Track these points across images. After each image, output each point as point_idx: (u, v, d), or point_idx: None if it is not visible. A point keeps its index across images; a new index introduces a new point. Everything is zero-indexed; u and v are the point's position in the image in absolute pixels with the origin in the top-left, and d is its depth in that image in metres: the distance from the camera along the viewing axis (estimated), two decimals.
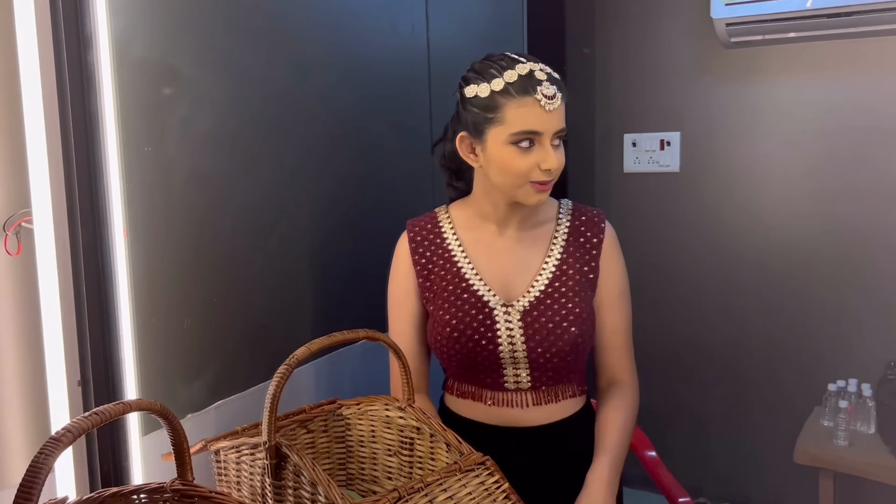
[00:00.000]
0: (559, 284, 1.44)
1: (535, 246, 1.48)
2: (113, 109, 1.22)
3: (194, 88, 1.44)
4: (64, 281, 1.20)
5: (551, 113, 1.31)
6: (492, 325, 1.43)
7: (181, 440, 1.02)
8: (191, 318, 1.43)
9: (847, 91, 2.72)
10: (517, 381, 1.46)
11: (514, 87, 1.31)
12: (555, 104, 1.30)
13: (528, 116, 1.31)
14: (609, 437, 1.43)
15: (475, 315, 1.44)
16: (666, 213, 3.05)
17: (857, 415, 2.52)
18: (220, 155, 1.52)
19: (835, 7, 2.45)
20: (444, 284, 1.48)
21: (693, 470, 2.20)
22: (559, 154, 1.35)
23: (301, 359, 1.14)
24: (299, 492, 1.11)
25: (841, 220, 2.76)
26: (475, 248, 1.49)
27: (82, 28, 1.18)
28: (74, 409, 1.22)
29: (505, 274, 1.47)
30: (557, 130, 1.33)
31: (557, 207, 1.53)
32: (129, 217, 1.28)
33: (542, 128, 1.31)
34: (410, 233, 1.54)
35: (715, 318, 3.01)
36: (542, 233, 1.49)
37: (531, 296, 1.44)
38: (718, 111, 2.94)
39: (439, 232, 1.52)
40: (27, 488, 0.81)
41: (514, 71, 1.32)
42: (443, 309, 1.46)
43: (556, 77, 1.34)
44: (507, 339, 1.42)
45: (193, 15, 1.44)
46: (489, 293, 1.45)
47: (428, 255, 1.51)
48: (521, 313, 1.43)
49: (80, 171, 1.19)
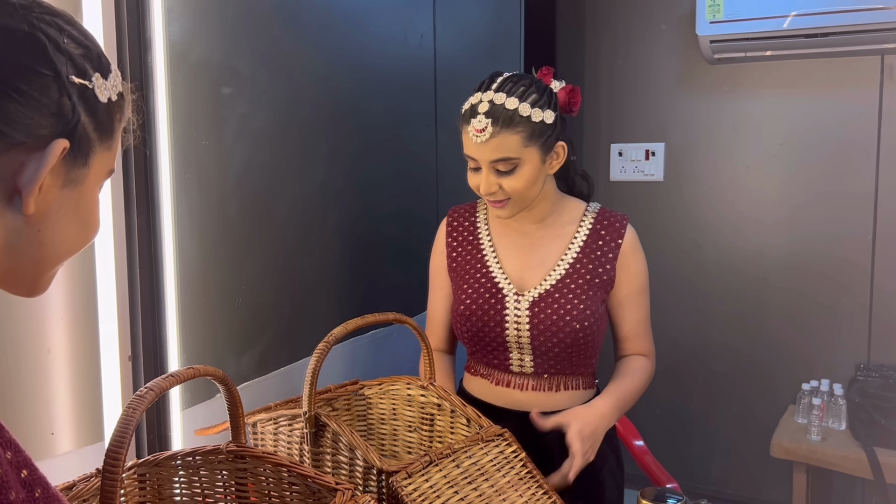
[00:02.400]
0: (570, 281, 1.56)
1: (555, 243, 1.60)
2: (166, 107, 1.33)
3: (253, 88, 1.58)
4: (119, 264, 1.30)
5: (481, 144, 1.44)
6: (501, 310, 1.55)
7: (236, 406, 1.13)
8: (241, 298, 1.55)
9: (822, 106, 2.88)
10: (521, 366, 1.58)
11: (464, 116, 1.48)
12: (482, 137, 1.42)
13: (467, 143, 1.47)
14: (623, 384, 1.56)
15: (488, 298, 1.57)
16: (650, 221, 3.18)
17: (830, 412, 2.66)
18: (275, 148, 1.67)
19: (811, 28, 2.60)
20: (467, 267, 1.63)
21: (674, 464, 2.32)
22: (507, 180, 1.46)
23: (339, 337, 1.25)
24: (337, 457, 1.22)
25: (815, 228, 2.91)
26: (501, 240, 1.63)
27: (143, 32, 1.29)
28: (125, 382, 1.32)
29: (523, 266, 1.60)
30: (492, 160, 1.45)
31: (584, 210, 1.64)
32: (185, 206, 1.39)
33: (474, 155, 1.47)
34: (450, 218, 1.70)
35: (696, 321, 3.16)
36: (564, 232, 1.60)
37: (542, 288, 1.56)
38: (701, 123, 3.08)
39: (474, 221, 1.67)
40: (119, 438, 0.91)
41: (470, 100, 1.48)
42: (461, 289, 1.61)
43: (502, 111, 1.42)
44: (514, 324, 1.55)
45: (253, 21, 1.60)
46: (505, 280, 1.58)
47: (460, 239, 1.66)
48: (529, 302, 1.55)
49: (137, 163, 1.30)
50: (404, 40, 2.19)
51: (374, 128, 2.05)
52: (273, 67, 1.65)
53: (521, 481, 1.22)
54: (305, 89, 1.76)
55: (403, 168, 2.22)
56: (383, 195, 2.10)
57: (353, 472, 1.19)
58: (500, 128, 1.41)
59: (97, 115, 0.65)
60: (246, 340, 1.62)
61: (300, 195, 1.77)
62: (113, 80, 0.68)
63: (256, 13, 1.60)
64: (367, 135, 2.01)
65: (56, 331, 1.25)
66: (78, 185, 0.66)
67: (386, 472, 1.11)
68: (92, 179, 0.68)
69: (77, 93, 0.63)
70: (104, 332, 1.31)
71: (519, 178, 1.46)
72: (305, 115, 1.77)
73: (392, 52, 2.14)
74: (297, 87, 1.73)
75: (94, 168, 0.67)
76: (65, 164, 0.64)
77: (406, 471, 1.11)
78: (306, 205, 1.79)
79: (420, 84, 2.30)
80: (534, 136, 1.44)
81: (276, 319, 1.71)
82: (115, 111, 0.68)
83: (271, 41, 1.65)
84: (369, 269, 2.04)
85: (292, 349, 1.74)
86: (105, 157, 0.69)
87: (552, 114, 1.46)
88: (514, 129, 1.42)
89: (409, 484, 1.10)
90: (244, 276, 1.59)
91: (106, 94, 0.66)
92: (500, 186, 1.47)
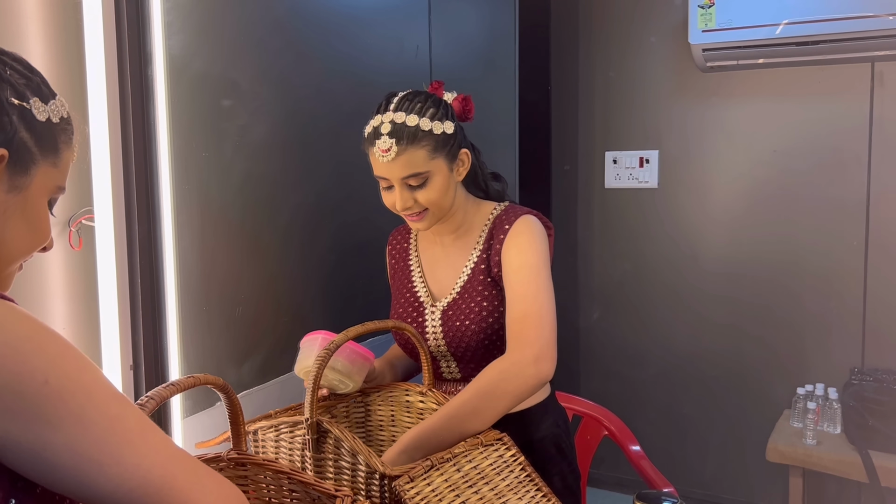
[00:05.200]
0: (469, 286, 1.57)
1: (463, 251, 1.62)
2: (166, 118, 1.35)
3: (252, 100, 1.61)
4: (120, 274, 1.32)
5: (389, 163, 1.46)
6: (422, 322, 1.59)
7: (237, 414, 1.14)
8: (241, 307, 1.56)
9: (814, 112, 2.91)
10: (450, 372, 1.61)
11: (367, 139, 1.50)
12: (388, 157, 1.45)
13: (376, 164, 1.49)
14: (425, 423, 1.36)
15: (410, 312, 1.61)
16: (644, 227, 3.21)
17: (824, 416, 2.68)
18: (274, 159, 1.69)
19: (802, 35, 2.63)
20: (398, 284, 1.67)
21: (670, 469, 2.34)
22: (421, 192, 1.48)
23: (339, 344, 1.27)
24: (339, 463, 1.24)
25: (808, 234, 2.94)
26: (424, 254, 1.67)
27: (144, 46, 1.31)
28: (126, 391, 1.34)
29: (440, 277, 1.63)
30: (402, 176, 1.47)
31: (489, 213, 1.63)
32: (186, 216, 1.41)
33: (385, 175, 1.49)
34: (391, 237, 1.75)
35: (691, 326, 3.17)
36: (470, 239, 1.62)
37: (450, 297, 1.59)
38: (694, 131, 3.11)
39: (407, 237, 1.71)
40: None
41: (371, 123, 1.49)
42: (393, 306, 1.66)
43: (404, 129, 1.44)
44: (433, 335, 1.58)
45: (251, 35, 1.63)
46: (425, 294, 1.62)
47: (397, 256, 1.71)
48: (441, 312, 1.58)
49: (138, 175, 1.31)
50: (400, 52, 2.22)
51: None
52: (272, 80, 1.67)
53: (521, 485, 1.24)
54: (304, 101, 1.78)
55: None
56: (381, 204, 2.10)
57: (355, 477, 1.21)
58: (406, 145, 1.44)
59: (36, 132, 0.78)
60: (246, 349, 1.64)
61: (299, 205, 1.79)
62: (54, 106, 0.80)
63: (255, 27, 1.62)
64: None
65: None
66: (21, 191, 0.78)
67: (389, 476, 1.12)
68: (36, 189, 0.80)
69: (17, 112, 0.76)
70: (105, 341, 1.33)
71: (432, 190, 1.49)
72: (304, 127, 1.79)
73: (389, 64, 2.16)
74: (296, 99, 1.76)
75: (36, 179, 0.79)
76: (7, 171, 0.76)
77: (408, 475, 1.12)
78: (305, 214, 1.81)
79: None
80: (438, 147, 1.48)
81: (275, 328, 1.72)
82: (58, 133, 0.81)
83: (270, 54, 1.67)
84: (368, 277, 2.05)
85: (292, 357, 1.74)
86: (50, 173, 0.81)
87: (451, 124, 1.50)
88: (419, 144, 1.45)
89: (411, 488, 1.11)
90: (244, 285, 1.61)
91: (44, 115, 0.79)
92: (416, 200, 1.50)
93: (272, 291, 1.71)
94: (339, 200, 1.93)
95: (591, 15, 3.27)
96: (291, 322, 1.77)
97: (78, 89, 1.31)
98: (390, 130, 1.44)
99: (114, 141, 1.30)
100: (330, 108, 1.89)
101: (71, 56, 1.31)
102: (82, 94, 1.31)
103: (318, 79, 1.85)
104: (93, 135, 1.30)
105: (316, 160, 1.84)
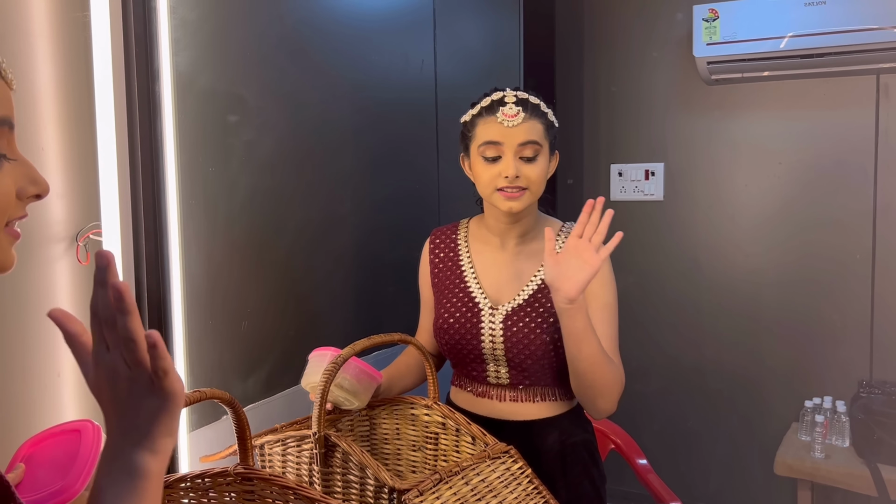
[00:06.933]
0: (541, 296, 1.60)
1: (530, 260, 1.65)
2: (173, 134, 1.36)
3: (258, 115, 1.62)
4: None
5: (511, 128, 1.52)
6: (477, 324, 1.60)
7: (244, 428, 1.14)
8: (247, 321, 1.57)
9: (819, 125, 2.91)
10: (497, 377, 1.62)
11: (484, 110, 1.55)
12: (515, 121, 1.51)
13: (492, 131, 1.53)
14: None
15: (465, 312, 1.62)
16: (650, 240, 3.21)
17: (833, 429, 2.67)
18: (281, 174, 1.70)
19: (807, 48, 2.64)
20: (447, 283, 1.68)
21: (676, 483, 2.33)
22: (529, 167, 1.53)
23: (346, 357, 1.27)
24: (347, 477, 1.24)
25: (815, 246, 2.93)
26: (479, 257, 1.68)
27: (151, 63, 1.32)
28: None
29: (499, 281, 1.65)
30: (521, 142, 1.52)
31: (560, 227, 1.69)
32: (192, 231, 1.41)
33: (502, 139, 1.52)
34: (433, 237, 1.76)
35: (698, 339, 3.17)
36: (540, 248, 1.65)
37: (515, 303, 1.60)
38: (700, 143, 3.12)
39: (455, 239, 1.73)
40: None
41: (489, 97, 1.56)
42: (441, 304, 1.66)
43: (528, 102, 1.55)
44: (489, 337, 1.59)
45: (257, 51, 1.65)
46: (481, 296, 1.63)
47: (442, 256, 1.71)
48: (504, 316, 1.59)
49: (145, 190, 1.32)
50: (405, 66, 2.23)
51: (377, 152, 2.08)
52: (278, 96, 1.68)
53: (529, 497, 1.23)
54: (309, 116, 1.80)
55: (406, 191, 2.25)
56: (386, 218, 2.12)
57: (363, 491, 1.21)
58: (530, 115, 1.53)
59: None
60: (252, 363, 1.64)
61: (305, 220, 1.79)
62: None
63: (261, 43, 1.64)
64: (370, 160, 2.05)
65: (66, 355, 1.26)
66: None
67: (398, 490, 1.12)
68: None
69: None
70: None
71: (538, 167, 1.54)
72: (310, 142, 1.80)
73: (394, 79, 2.17)
74: (302, 115, 1.77)
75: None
76: None
77: (417, 489, 1.12)
78: (311, 229, 1.82)
79: (421, 109, 2.34)
80: (548, 131, 1.56)
81: (281, 342, 1.73)
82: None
83: (276, 70, 1.68)
84: (373, 290, 2.07)
85: (298, 371, 1.75)
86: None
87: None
88: (540, 118, 1.54)
89: (420, 502, 1.11)
90: (250, 300, 1.61)
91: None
92: (521, 174, 1.53)
93: (278, 306, 1.71)
94: (345, 215, 1.94)
95: (596, 29, 3.29)
96: (297, 336, 1.77)
97: (86, 105, 1.32)
98: (516, 100, 1.53)
99: (121, 156, 1.31)
100: (336, 124, 1.90)
101: (79, 72, 1.32)
102: (90, 110, 1.32)
103: (324, 94, 1.86)
104: (100, 150, 1.31)
105: (322, 175, 1.85)
